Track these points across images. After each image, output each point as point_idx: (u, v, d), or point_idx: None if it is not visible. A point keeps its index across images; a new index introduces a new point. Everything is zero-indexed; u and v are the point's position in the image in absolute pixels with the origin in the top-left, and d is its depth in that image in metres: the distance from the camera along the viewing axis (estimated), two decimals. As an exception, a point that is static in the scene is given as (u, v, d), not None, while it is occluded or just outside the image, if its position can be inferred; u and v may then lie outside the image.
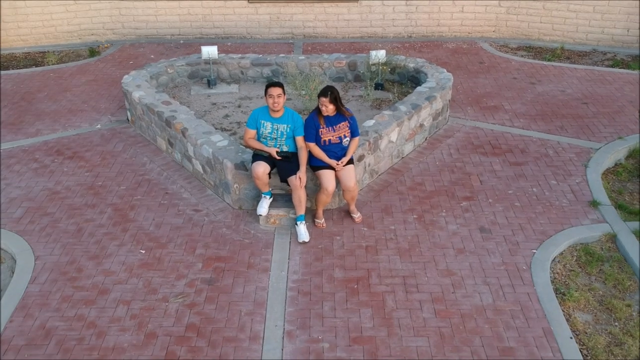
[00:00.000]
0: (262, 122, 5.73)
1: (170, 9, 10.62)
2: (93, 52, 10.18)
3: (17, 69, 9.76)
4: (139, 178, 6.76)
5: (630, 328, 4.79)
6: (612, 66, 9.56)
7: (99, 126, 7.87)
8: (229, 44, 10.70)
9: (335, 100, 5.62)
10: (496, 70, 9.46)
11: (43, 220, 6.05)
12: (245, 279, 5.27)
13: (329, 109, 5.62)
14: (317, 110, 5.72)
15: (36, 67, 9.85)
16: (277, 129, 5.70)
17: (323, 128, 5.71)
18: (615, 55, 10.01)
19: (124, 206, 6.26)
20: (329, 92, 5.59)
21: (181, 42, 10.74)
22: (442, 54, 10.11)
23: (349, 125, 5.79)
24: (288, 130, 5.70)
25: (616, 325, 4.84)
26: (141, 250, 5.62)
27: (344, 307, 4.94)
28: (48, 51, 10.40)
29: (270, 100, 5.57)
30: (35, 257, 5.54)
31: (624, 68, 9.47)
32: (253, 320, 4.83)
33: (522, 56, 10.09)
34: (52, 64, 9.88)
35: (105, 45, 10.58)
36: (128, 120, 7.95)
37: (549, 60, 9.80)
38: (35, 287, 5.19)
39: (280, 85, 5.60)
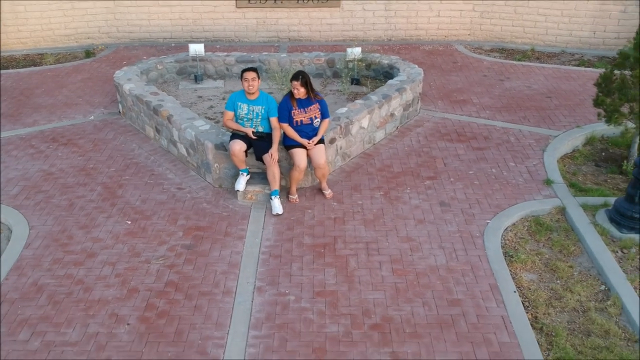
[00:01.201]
0: (239, 104, 6.26)
1: (163, 14, 11.22)
2: (89, 53, 10.75)
3: (17, 69, 10.31)
4: (128, 161, 7.27)
5: (571, 285, 5.27)
6: (578, 65, 10.14)
7: (92, 117, 8.40)
8: (217, 46, 11.27)
9: (306, 84, 6.16)
10: (468, 69, 10.03)
11: (38, 196, 6.54)
12: (221, 245, 5.76)
13: (300, 91, 6.15)
14: (290, 94, 6.25)
15: (34, 67, 10.41)
16: (253, 110, 6.23)
17: (295, 110, 6.24)
18: (582, 56, 10.60)
19: (112, 185, 6.76)
20: (300, 76, 6.13)
21: (172, 45, 11.32)
22: (418, 55, 10.69)
23: (319, 108, 6.32)
24: (263, 112, 6.23)
25: (558, 283, 5.32)
26: (127, 222, 6.10)
27: (311, 268, 5.42)
28: (46, 53, 10.96)
29: (246, 84, 6.10)
30: (30, 227, 6.02)
31: (589, 67, 10.04)
32: (227, 278, 5.31)
33: (494, 57, 10.67)
34: (50, 64, 10.44)
35: (101, 48, 11.16)
36: (119, 113, 8.47)
37: (519, 60, 10.38)
38: (29, 251, 5.67)
39: (254, 70, 6.14)
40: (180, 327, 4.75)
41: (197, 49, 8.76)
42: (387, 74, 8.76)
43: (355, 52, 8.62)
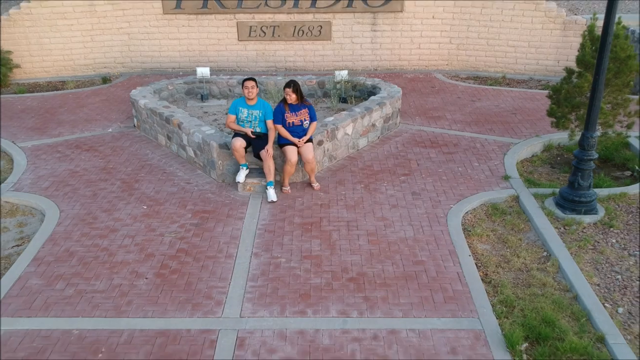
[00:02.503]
0: (240, 108, 7.40)
1: (172, 46, 12.54)
2: (105, 80, 12.01)
3: (41, 92, 11.53)
4: (142, 163, 8.36)
5: (518, 252, 6.27)
6: (543, 89, 11.37)
7: (110, 130, 9.54)
8: (221, 74, 12.53)
9: (297, 90, 7.31)
10: (444, 93, 11.25)
11: (65, 188, 7.60)
12: (224, 223, 6.78)
13: (292, 97, 7.30)
14: (284, 100, 7.40)
15: (57, 91, 11.63)
16: (252, 114, 7.36)
17: (288, 113, 7.37)
18: (548, 82, 11.83)
19: (130, 180, 7.83)
20: (292, 84, 7.29)
21: (180, 73, 12.58)
22: (401, 82, 11.93)
23: (308, 112, 7.46)
24: (260, 115, 7.36)
25: (507, 251, 6.32)
26: (143, 206, 7.14)
27: (299, 239, 6.43)
28: (67, 80, 12.21)
29: (246, 91, 7.26)
30: (60, 211, 7.05)
31: (552, 91, 11.25)
32: (229, 247, 6.31)
33: (468, 83, 11.92)
34: (71, 89, 11.67)
35: (116, 76, 12.41)
36: (134, 126, 9.61)
37: (490, 85, 11.63)
38: (60, 228, 6.69)
39: (254, 79, 7.31)
40: (189, 280, 5.73)
41: (203, 71, 9.98)
42: (371, 93, 9.94)
43: (342, 74, 9.84)
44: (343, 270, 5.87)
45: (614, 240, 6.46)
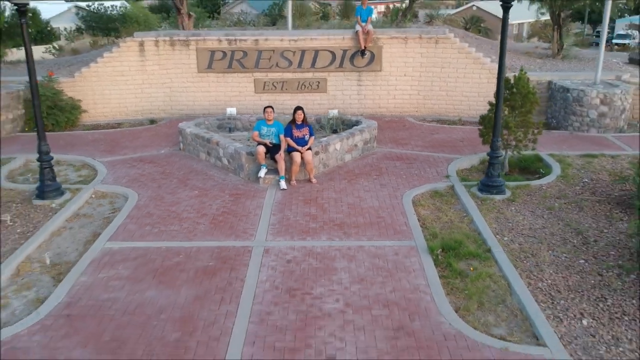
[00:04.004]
0: (262, 127, 10.83)
1: (203, 97, 16.17)
2: (152, 121, 15.56)
3: (103, 129, 15.07)
4: (190, 169, 11.70)
5: (447, 214, 9.45)
6: (488, 127, 14.84)
7: (162, 151, 12.95)
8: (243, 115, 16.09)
9: (303, 113, 10.77)
10: (412, 129, 14.75)
11: (138, 183, 10.90)
12: (251, 200, 10.03)
13: (299, 117, 10.75)
14: (292, 121, 10.84)
15: (115, 129, 15.17)
16: (270, 130, 10.79)
17: (294, 130, 10.79)
18: (494, 123, 15.32)
19: (183, 178, 11.15)
20: (301, 108, 10.76)
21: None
22: (380, 122, 15.37)
23: (308, 130, 10.89)
24: (275, 131, 10.78)
25: (440, 214, 9.54)
26: (195, 191, 10.42)
27: (301, 207, 9.67)
28: (122, 122, 15.78)
29: (266, 114, 10.72)
30: (138, 195, 10.33)
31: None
32: (256, 210, 9.54)
33: (432, 124, 15.45)
34: (126, 127, 15.20)
35: (160, 119, 15.98)
36: (180, 149, 13.03)
37: (448, 124, 15.15)
38: (140, 202, 9.94)
39: (271, 107, 10.79)
40: (232, 225, 8.95)
41: (231, 110, 13.52)
42: (355, 126, 13.39)
43: (334, 112, 13.37)
44: (330, 221, 9.10)
45: (512, 208, 9.69)
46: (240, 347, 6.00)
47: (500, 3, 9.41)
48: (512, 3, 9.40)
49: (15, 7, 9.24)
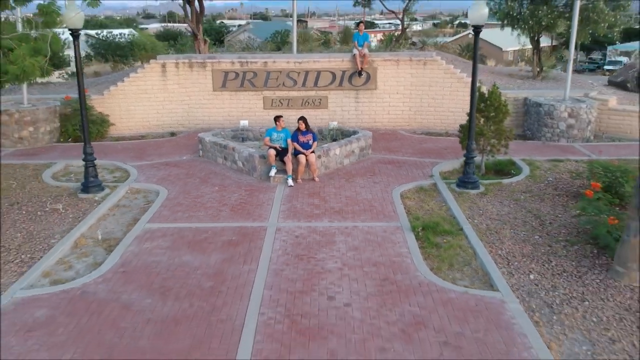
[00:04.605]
0: (272, 133, 12.72)
1: (218, 113, 18.12)
2: (172, 134, 17.46)
3: (128, 140, 16.98)
4: (209, 172, 13.55)
5: (429, 204, 11.27)
6: (471, 139, 16.72)
7: (184, 157, 14.82)
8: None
9: (305, 121, 12.66)
10: (403, 140, 16.64)
11: (166, 181, 12.74)
12: (263, 194, 11.86)
13: (302, 125, 12.64)
14: (298, 128, 12.74)
15: (140, 140, 17.08)
16: (279, 136, 12.67)
17: (300, 135, 12.68)
18: (477, 135, 17.21)
19: (204, 178, 13.00)
20: (304, 118, 12.67)
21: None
22: (375, 134, 17.32)
23: (312, 135, 12.78)
24: (284, 137, 12.66)
25: (423, 204, 11.35)
26: (215, 187, 12.26)
27: (307, 199, 11.49)
28: (145, 134, 17.69)
29: (277, 122, 12.63)
30: (168, 190, 12.16)
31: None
32: (267, 202, 11.36)
33: (421, 136, 17.34)
34: (149, 139, 17.11)
35: (179, 132, 17.89)
36: (199, 155, 14.89)
37: (436, 136, 17.04)
38: (171, 195, 11.78)
39: (281, 116, 12.70)
40: (249, 211, 10.76)
41: (244, 123, 15.42)
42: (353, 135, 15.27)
43: (334, 124, 15.27)
44: (331, 209, 10.91)
45: (484, 200, 11.49)
46: (261, 290, 7.77)
47: (472, 29, 11.38)
48: (481, 29, 11.35)
49: (70, 32, 11.19)
